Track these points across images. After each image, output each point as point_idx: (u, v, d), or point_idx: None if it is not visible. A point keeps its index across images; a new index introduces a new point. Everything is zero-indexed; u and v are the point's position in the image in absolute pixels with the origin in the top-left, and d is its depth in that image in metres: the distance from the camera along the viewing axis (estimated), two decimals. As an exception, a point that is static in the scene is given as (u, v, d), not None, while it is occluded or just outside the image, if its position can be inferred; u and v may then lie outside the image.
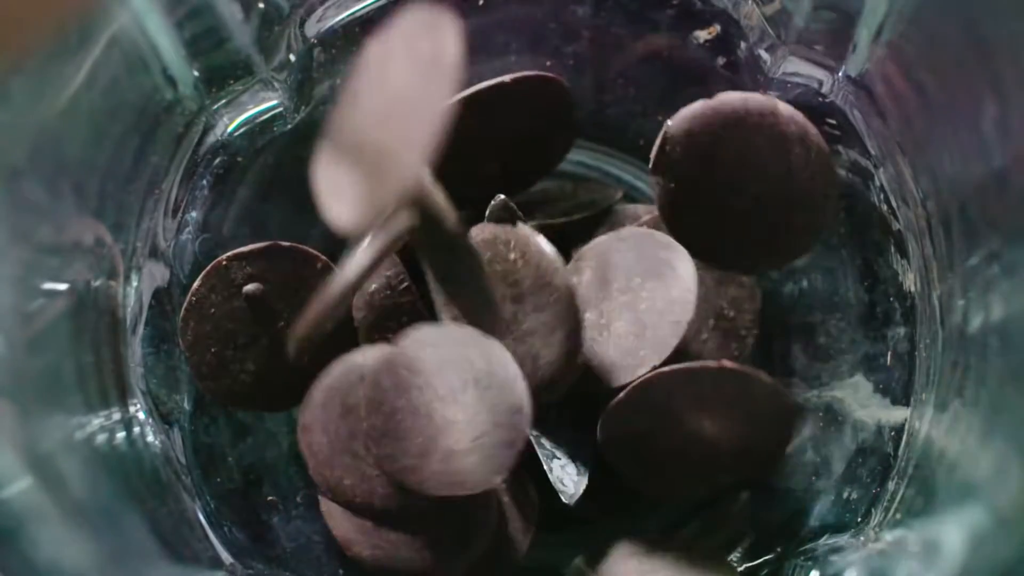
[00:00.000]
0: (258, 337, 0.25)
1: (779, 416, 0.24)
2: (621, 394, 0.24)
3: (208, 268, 0.25)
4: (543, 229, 0.25)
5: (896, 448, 0.25)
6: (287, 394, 0.25)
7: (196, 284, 0.25)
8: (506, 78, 0.25)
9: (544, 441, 0.25)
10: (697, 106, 0.24)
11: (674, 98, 0.26)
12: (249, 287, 0.25)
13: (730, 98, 0.24)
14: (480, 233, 0.24)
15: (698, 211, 0.25)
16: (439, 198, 0.21)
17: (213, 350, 0.25)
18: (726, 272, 0.26)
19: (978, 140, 0.21)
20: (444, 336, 0.23)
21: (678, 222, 0.25)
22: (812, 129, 0.24)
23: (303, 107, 0.27)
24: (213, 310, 0.25)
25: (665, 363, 0.24)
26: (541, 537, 0.26)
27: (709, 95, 0.26)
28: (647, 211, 0.27)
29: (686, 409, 0.24)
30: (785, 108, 0.24)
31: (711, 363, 0.23)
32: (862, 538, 0.25)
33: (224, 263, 0.25)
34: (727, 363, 0.23)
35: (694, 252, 0.24)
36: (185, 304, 0.25)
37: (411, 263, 0.25)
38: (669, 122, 0.24)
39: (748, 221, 0.25)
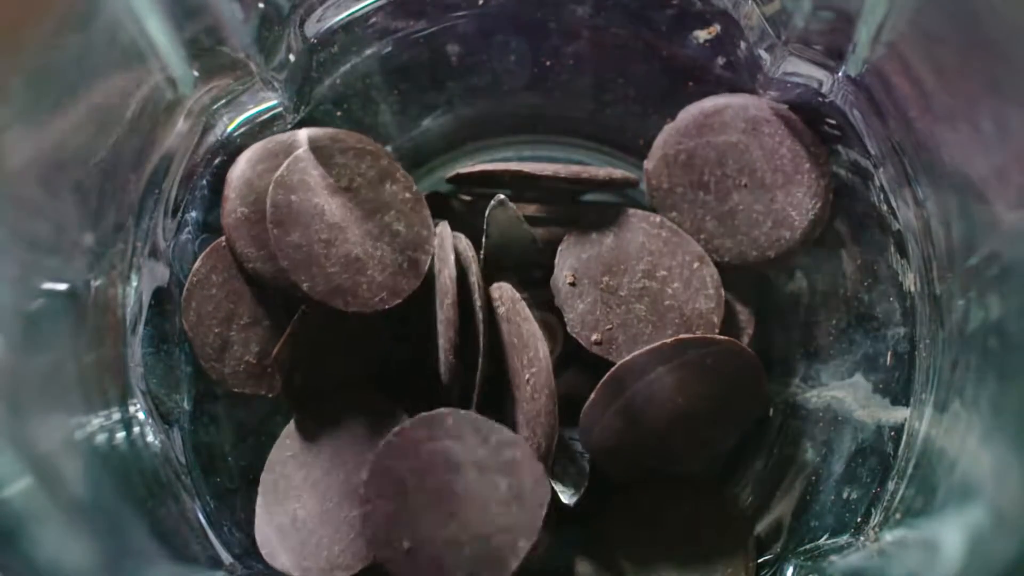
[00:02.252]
0: (260, 318, 0.26)
1: (745, 370, 0.25)
2: (592, 395, 0.24)
3: (208, 248, 0.26)
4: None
5: (896, 448, 0.25)
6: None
7: (196, 265, 0.26)
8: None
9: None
10: (664, 132, 0.26)
11: (674, 98, 0.26)
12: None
13: (687, 112, 0.26)
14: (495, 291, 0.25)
15: (705, 219, 0.26)
16: None
17: (216, 330, 0.26)
18: (729, 266, 0.26)
19: (978, 140, 0.21)
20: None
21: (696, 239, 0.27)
22: (776, 106, 0.26)
23: (303, 107, 0.28)
24: (214, 290, 0.26)
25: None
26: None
27: (708, 95, 0.26)
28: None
29: (658, 391, 0.24)
30: (737, 99, 0.26)
31: (667, 340, 0.24)
32: (862, 538, 0.25)
33: (223, 244, 0.25)
34: (683, 336, 0.24)
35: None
36: (187, 284, 0.26)
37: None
38: (646, 164, 0.26)
39: (745, 209, 0.26)
